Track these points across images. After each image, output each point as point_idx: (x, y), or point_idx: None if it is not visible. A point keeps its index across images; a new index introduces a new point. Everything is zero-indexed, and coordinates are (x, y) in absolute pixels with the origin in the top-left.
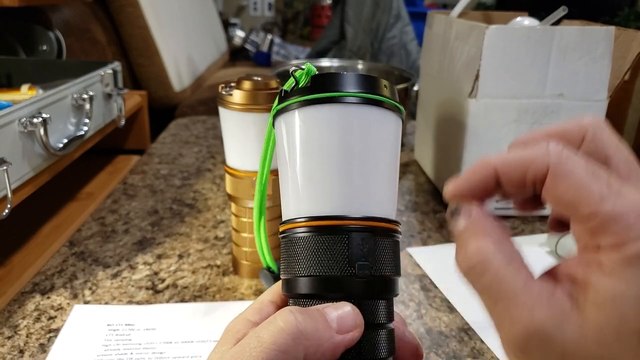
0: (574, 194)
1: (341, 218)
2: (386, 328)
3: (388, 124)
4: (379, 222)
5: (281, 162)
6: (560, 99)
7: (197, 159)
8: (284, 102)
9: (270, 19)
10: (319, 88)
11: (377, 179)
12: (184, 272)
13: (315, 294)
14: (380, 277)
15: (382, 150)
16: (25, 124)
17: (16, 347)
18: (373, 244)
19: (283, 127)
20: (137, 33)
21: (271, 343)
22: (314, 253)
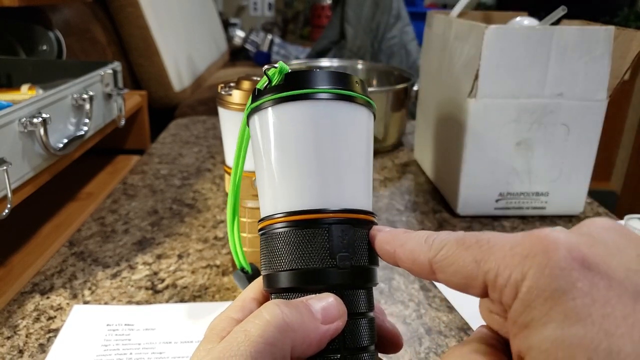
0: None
1: (320, 212)
2: (367, 317)
3: (360, 118)
4: (356, 214)
5: (257, 160)
6: (560, 98)
7: (197, 159)
8: (258, 100)
9: (270, 19)
10: (292, 86)
11: (352, 172)
12: (183, 272)
13: (297, 287)
14: (360, 268)
15: (356, 144)
16: (25, 124)
17: (16, 347)
18: (352, 235)
19: (257, 126)
20: (137, 33)
21: (258, 336)
22: (295, 247)
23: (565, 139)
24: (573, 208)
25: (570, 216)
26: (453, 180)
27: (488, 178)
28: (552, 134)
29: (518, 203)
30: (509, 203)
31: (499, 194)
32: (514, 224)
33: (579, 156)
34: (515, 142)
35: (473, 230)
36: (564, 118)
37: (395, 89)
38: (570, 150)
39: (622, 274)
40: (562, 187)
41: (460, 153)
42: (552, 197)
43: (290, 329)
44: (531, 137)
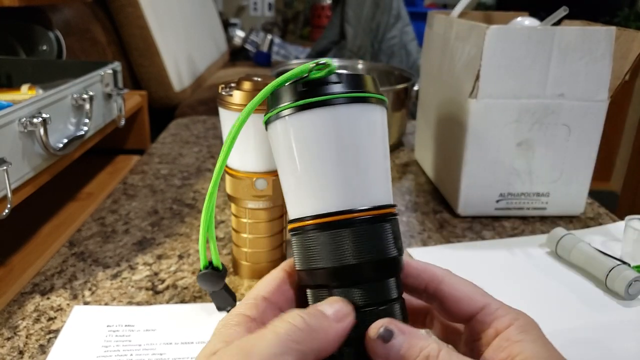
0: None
1: (350, 212)
2: (399, 300)
3: (375, 116)
4: (382, 210)
5: (282, 165)
6: (561, 99)
7: (197, 159)
8: (278, 108)
9: (270, 19)
10: (311, 92)
11: (375, 171)
12: (184, 272)
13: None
14: (387, 259)
15: (373, 142)
16: (25, 124)
17: (16, 348)
18: (386, 230)
19: (280, 133)
20: (137, 33)
21: (286, 335)
22: (324, 246)
23: (566, 140)
24: (574, 208)
25: (571, 217)
26: (454, 181)
27: (489, 178)
28: (553, 134)
29: (519, 203)
30: (509, 203)
31: (499, 194)
32: (514, 225)
33: (579, 157)
34: (516, 143)
35: (473, 230)
36: (565, 118)
37: (396, 89)
38: (571, 151)
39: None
40: (563, 187)
41: (461, 153)
42: (553, 197)
43: (313, 330)
44: (532, 138)
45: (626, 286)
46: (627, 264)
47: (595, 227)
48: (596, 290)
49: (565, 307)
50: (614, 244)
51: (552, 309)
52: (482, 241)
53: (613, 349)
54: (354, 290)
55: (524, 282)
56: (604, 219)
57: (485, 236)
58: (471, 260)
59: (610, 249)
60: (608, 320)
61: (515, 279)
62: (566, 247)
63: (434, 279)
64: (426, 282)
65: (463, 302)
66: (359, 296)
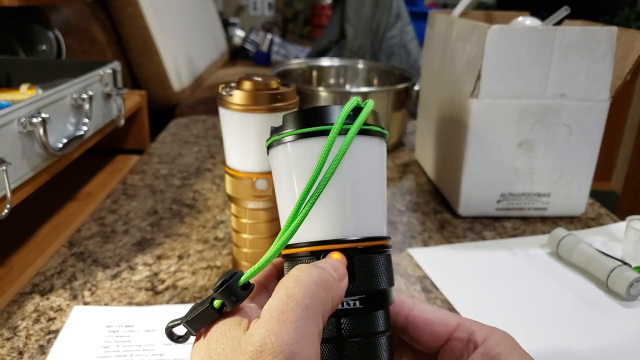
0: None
1: (341, 242)
2: (386, 334)
3: (374, 148)
4: (374, 242)
5: (281, 189)
6: (562, 99)
7: (197, 159)
8: (280, 134)
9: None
10: (311, 122)
11: (369, 202)
12: (183, 273)
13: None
14: (378, 291)
15: (371, 173)
16: (24, 124)
17: (15, 348)
18: (370, 263)
19: (281, 157)
20: (137, 33)
21: (309, 298)
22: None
23: (567, 140)
24: (575, 209)
25: (572, 217)
26: (454, 181)
27: (489, 178)
28: (554, 134)
29: (519, 204)
30: (510, 204)
31: (500, 194)
32: (515, 225)
33: (580, 157)
34: (517, 143)
35: (474, 230)
36: (566, 119)
37: (396, 89)
38: (572, 151)
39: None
40: (564, 187)
41: (462, 153)
42: (554, 197)
43: (329, 286)
44: (533, 138)
45: (627, 287)
46: (628, 265)
47: (596, 227)
48: (597, 291)
49: (566, 307)
50: (614, 245)
51: (553, 310)
52: (483, 241)
53: (614, 349)
54: (342, 319)
55: (524, 283)
56: (605, 220)
57: (486, 236)
58: (472, 260)
59: (611, 249)
60: (609, 321)
61: (516, 279)
62: (567, 247)
63: (404, 306)
64: (397, 310)
65: (437, 325)
66: (347, 326)
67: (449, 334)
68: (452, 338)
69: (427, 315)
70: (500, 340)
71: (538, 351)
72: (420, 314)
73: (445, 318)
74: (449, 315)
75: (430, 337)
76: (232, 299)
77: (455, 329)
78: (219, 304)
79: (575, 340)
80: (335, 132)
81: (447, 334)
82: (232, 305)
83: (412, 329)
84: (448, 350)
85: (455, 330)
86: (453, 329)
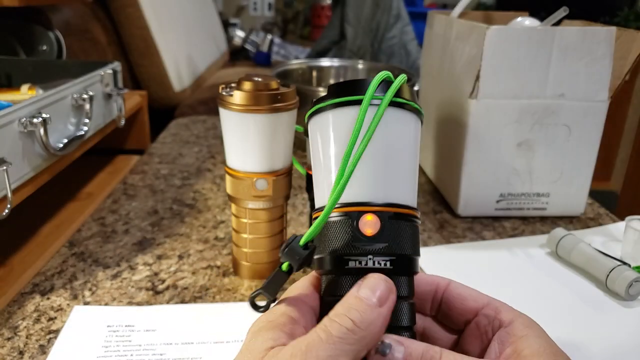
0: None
1: (368, 204)
2: (408, 300)
3: (409, 123)
4: (407, 210)
5: (320, 156)
6: (561, 99)
7: (197, 159)
8: (320, 103)
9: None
10: (350, 91)
11: (405, 173)
12: (184, 272)
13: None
14: (404, 256)
15: (404, 145)
16: (25, 124)
17: (16, 348)
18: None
19: (326, 124)
20: (137, 33)
21: (339, 338)
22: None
23: (566, 140)
24: (574, 209)
25: (571, 217)
26: (454, 181)
27: (489, 179)
28: (553, 134)
29: (519, 204)
30: (509, 204)
31: (499, 194)
32: (514, 225)
33: (580, 157)
34: (517, 143)
35: (473, 230)
36: (565, 119)
37: None
38: (572, 151)
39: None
40: (563, 187)
41: (461, 154)
42: (553, 197)
43: (363, 329)
44: (532, 138)
45: (626, 287)
46: (628, 265)
47: (595, 227)
48: (596, 291)
49: (565, 307)
50: (614, 245)
51: (552, 310)
52: (483, 241)
53: (613, 349)
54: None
55: (524, 283)
56: (604, 219)
57: (485, 236)
58: (471, 260)
59: (611, 249)
60: (608, 321)
61: (515, 279)
62: (566, 247)
63: (440, 284)
64: (433, 289)
65: (468, 300)
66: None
67: (478, 310)
68: (480, 314)
69: (460, 290)
70: (528, 324)
71: None
72: (454, 290)
73: (477, 295)
74: (481, 293)
75: (460, 312)
76: (295, 258)
77: (484, 306)
78: (287, 266)
79: (574, 339)
80: (367, 100)
81: (476, 309)
82: (297, 265)
83: (445, 304)
84: (474, 326)
85: (483, 307)
86: (482, 305)
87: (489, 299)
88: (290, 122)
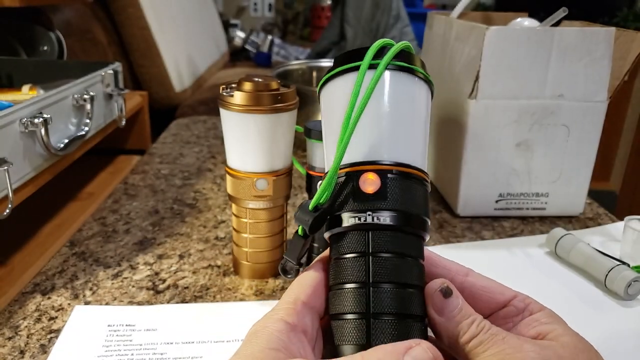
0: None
1: (376, 163)
2: (417, 263)
3: (419, 91)
4: (411, 169)
5: (334, 120)
6: (560, 99)
7: (198, 159)
8: (334, 70)
9: (270, 20)
10: (349, 61)
11: (410, 135)
12: (184, 272)
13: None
14: (413, 215)
15: (414, 110)
16: (26, 124)
17: (17, 347)
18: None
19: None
20: (138, 34)
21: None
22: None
23: (565, 140)
24: (573, 209)
25: (570, 217)
26: (453, 181)
27: (488, 179)
28: (552, 134)
29: (518, 204)
30: (509, 204)
31: (499, 194)
32: (513, 225)
33: (579, 157)
34: (516, 143)
35: (473, 230)
36: (565, 119)
37: None
38: (571, 151)
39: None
40: (562, 188)
41: (461, 154)
42: (552, 197)
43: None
44: (531, 138)
45: (625, 286)
46: (627, 264)
47: (594, 227)
48: (595, 291)
49: (564, 307)
50: (613, 244)
51: (551, 309)
52: (482, 241)
53: (612, 349)
54: (370, 233)
55: (523, 282)
56: (603, 219)
57: (484, 236)
58: (470, 260)
59: (610, 249)
60: (607, 320)
61: (514, 279)
62: (565, 247)
63: (459, 272)
64: (451, 276)
65: (495, 292)
66: (375, 240)
67: (506, 302)
68: (509, 304)
69: (485, 282)
70: (553, 314)
71: None
72: (478, 281)
73: (503, 288)
74: (504, 286)
75: (485, 304)
76: (305, 220)
77: (512, 298)
78: (302, 230)
79: None
80: (364, 66)
81: (504, 302)
82: (308, 227)
83: (468, 293)
84: (501, 316)
85: (513, 299)
86: (510, 298)
87: (515, 291)
88: (290, 122)
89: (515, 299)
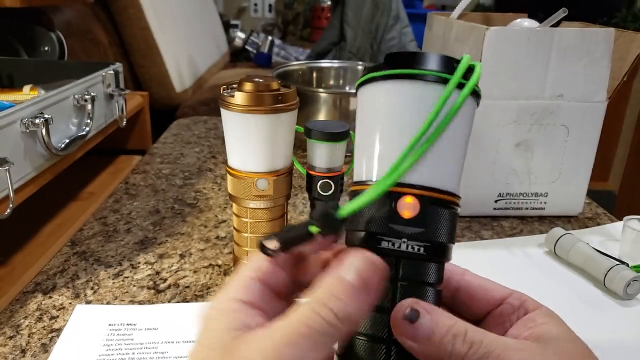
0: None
1: (410, 186)
2: (435, 287)
3: (471, 110)
4: (449, 196)
5: (369, 128)
6: (560, 100)
7: (199, 159)
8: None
9: (270, 21)
10: (403, 64)
11: (454, 159)
12: (185, 271)
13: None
14: (438, 243)
15: (456, 127)
16: (27, 124)
17: (18, 346)
18: (434, 213)
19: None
20: (139, 34)
21: (320, 333)
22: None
23: (564, 140)
24: (572, 209)
25: (569, 217)
26: None
27: (488, 178)
28: (551, 135)
29: (517, 204)
30: (508, 203)
31: (498, 194)
32: (513, 224)
33: (578, 157)
34: (515, 143)
35: (472, 230)
36: (564, 119)
37: None
38: (570, 151)
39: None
40: (562, 187)
41: None
42: (552, 197)
43: (347, 326)
44: (531, 138)
45: (624, 286)
46: (626, 264)
47: (593, 227)
48: (594, 290)
49: (563, 306)
50: (612, 244)
51: (547, 307)
52: (481, 241)
53: (611, 348)
54: (403, 261)
55: (522, 282)
56: (602, 219)
57: (483, 236)
58: (470, 260)
59: (609, 249)
60: (606, 320)
61: (513, 278)
62: (565, 247)
63: (455, 272)
64: (447, 275)
65: (491, 290)
66: (405, 269)
67: (502, 300)
68: (505, 302)
69: (481, 281)
70: (550, 313)
71: None
72: (474, 280)
73: (498, 286)
74: (500, 284)
75: (482, 302)
76: (328, 224)
77: (508, 296)
78: (316, 231)
79: None
80: (454, 81)
81: (500, 300)
82: (327, 231)
83: (465, 292)
84: (497, 314)
85: (508, 297)
86: (506, 295)
87: (511, 290)
88: (290, 123)
89: (511, 297)
